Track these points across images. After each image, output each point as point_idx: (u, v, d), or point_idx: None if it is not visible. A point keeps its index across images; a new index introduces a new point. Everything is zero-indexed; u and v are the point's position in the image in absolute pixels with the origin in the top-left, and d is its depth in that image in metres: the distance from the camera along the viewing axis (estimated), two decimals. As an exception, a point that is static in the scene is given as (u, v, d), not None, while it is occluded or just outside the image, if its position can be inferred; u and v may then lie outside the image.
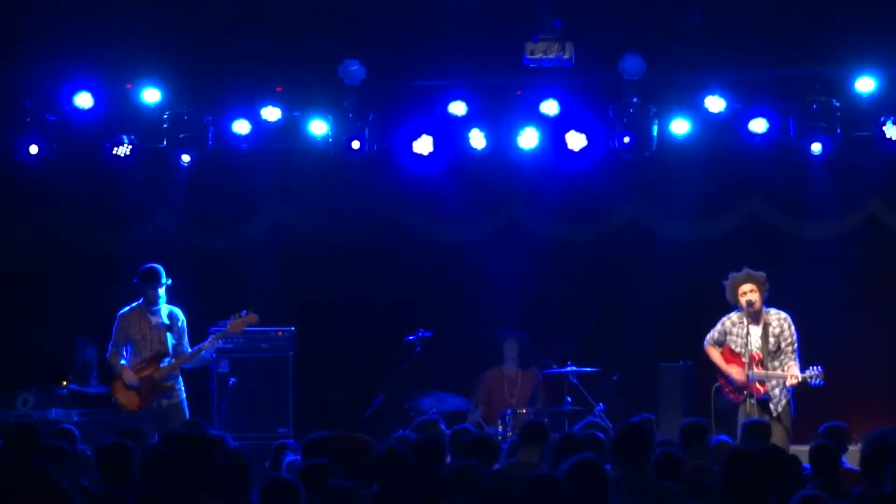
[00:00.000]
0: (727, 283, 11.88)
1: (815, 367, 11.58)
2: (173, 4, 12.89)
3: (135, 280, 12.03)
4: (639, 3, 12.87)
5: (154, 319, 12.03)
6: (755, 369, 11.67)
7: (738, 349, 11.84)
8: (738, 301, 11.83)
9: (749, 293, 11.76)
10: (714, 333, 12.01)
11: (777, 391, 11.76)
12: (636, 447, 7.50)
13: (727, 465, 5.53)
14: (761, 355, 11.70)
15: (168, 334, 12.01)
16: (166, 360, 11.97)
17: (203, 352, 12.08)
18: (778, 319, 11.79)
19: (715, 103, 12.85)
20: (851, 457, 10.08)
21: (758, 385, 11.72)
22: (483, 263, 14.31)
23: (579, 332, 12.85)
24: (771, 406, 11.72)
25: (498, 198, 14.19)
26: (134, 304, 12.09)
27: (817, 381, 11.56)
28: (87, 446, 9.43)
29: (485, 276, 14.31)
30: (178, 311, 12.16)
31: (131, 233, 14.10)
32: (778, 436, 11.35)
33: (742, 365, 11.74)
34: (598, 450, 8.05)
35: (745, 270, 11.85)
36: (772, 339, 11.75)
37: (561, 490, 6.37)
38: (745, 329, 11.79)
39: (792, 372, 11.60)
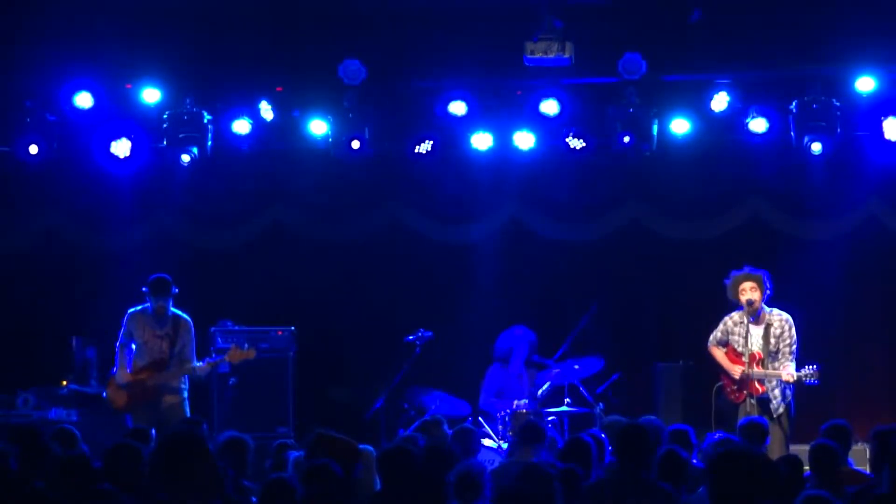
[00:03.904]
0: (728, 282, 11.91)
1: (810, 367, 11.60)
2: (173, 4, 12.89)
3: (143, 289, 12.01)
4: (639, 3, 12.87)
5: (159, 330, 12.03)
6: (755, 368, 11.70)
7: (739, 349, 11.86)
8: (738, 299, 11.87)
9: (749, 291, 11.80)
10: (717, 333, 12.04)
11: (777, 392, 11.78)
12: (638, 447, 7.51)
13: (714, 465, 5.52)
14: (762, 355, 11.73)
15: (170, 343, 12.01)
16: (165, 369, 11.97)
17: (198, 371, 12.08)
18: (780, 321, 11.82)
19: (715, 103, 12.86)
20: (855, 456, 10.13)
21: (757, 384, 11.74)
22: (483, 263, 14.32)
23: (579, 332, 12.83)
24: (771, 407, 11.74)
25: (498, 198, 14.19)
26: (140, 307, 12.11)
27: (812, 381, 11.58)
28: (86, 446, 9.44)
29: (485, 275, 14.32)
30: (187, 319, 12.15)
31: (131, 233, 14.09)
32: (777, 437, 11.38)
33: (744, 365, 11.78)
34: (600, 450, 8.08)
35: (746, 269, 11.87)
36: (772, 340, 11.78)
37: (552, 483, 6.38)
38: (746, 329, 11.83)
39: (788, 371, 11.63)
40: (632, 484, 7.36)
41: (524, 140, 13.31)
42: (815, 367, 11.59)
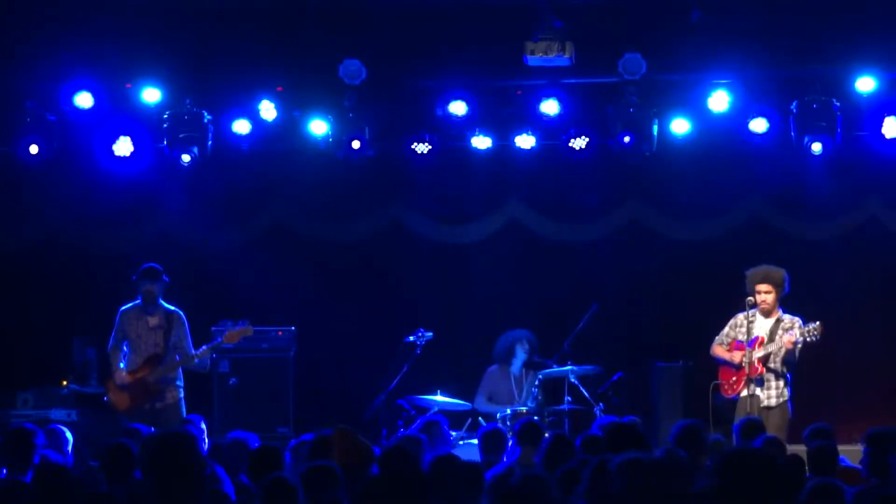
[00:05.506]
0: (747, 275, 11.92)
1: (812, 323, 11.60)
2: (173, 4, 12.88)
3: (133, 277, 12.08)
4: (639, 3, 12.87)
5: (151, 320, 12.07)
6: (757, 349, 11.70)
7: (742, 338, 11.86)
8: (753, 295, 11.87)
9: (764, 293, 11.83)
10: (726, 330, 12.03)
11: (773, 381, 11.77)
12: (629, 445, 7.49)
13: (722, 467, 5.51)
14: (765, 339, 11.75)
15: (164, 336, 12.02)
16: (161, 363, 11.99)
17: (196, 360, 12.07)
18: (791, 320, 11.88)
19: (714, 102, 12.86)
20: (853, 456, 10.13)
21: (756, 364, 11.72)
22: (483, 263, 14.33)
23: (579, 332, 12.84)
24: (763, 394, 11.71)
25: (498, 198, 14.20)
26: (133, 303, 12.15)
27: (815, 336, 11.57)
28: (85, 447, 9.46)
29: (485, 276, 14.33)
30: (179, 312, 12.18)
31: (131, 233, 14.09)
32: (771, 430, 11.36)
33: (744, 350, 11.76)
34: (596, 450, 8.05)
35: (764, 268, 11.89)
36: (780, 332, 11.79)
37: (549, 490, 6.38)
38: (753, 319, 11.79)
39: (789, 335, 11.61)
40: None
41: (524, 140, 13.31)
42: (817, 322, 11.59)
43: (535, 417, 12.01)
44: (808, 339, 11.61)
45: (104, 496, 6.83)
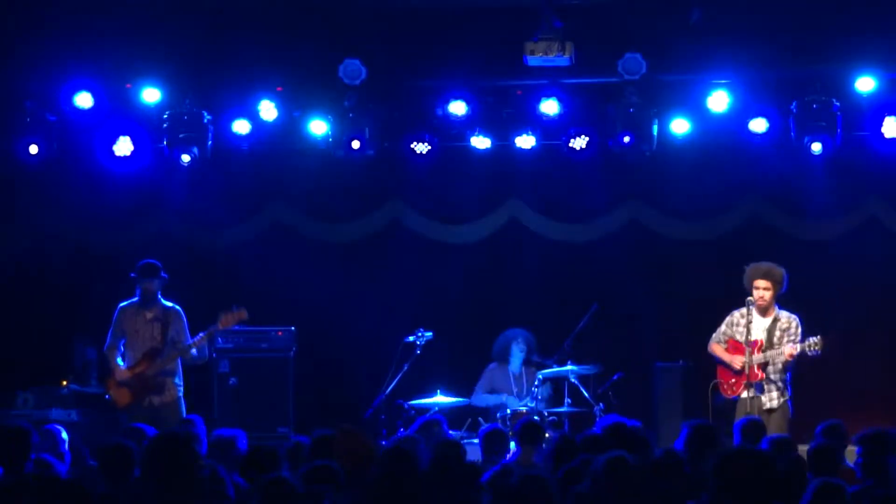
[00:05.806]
0: (746, 270, 11.92)
1: (813, 337, 11.60)
2: (173, 4, 12.88)
3: (132, 275, 12.08)
4: (639, 3, 12.87)
5: (149, 315, 12.09)
6: (756, 354, 11.70)
7: (739, 338, 11.86)
8: (751, 291, 11.87)
9: (762, 289, 11.82)
10: (722, 327, 12.03)
11: (773, 385, 11.76)
12: (627, 446, 7.50)
13: (721, 467, 5.52)
14: (763, 342, 11.76)
15: (162, 330, 12.02)
16: (160, 356, 12.00)
17: (194, 350, 12.04)
18: (788, 319, 11.88)
19: (715, 103, 12.86)
20: (851, 456, 10.13)
21: (756, 369, 11.72)
22: (483, 263, 14.33)
23: (579, 332, 12.85)
24: (765, 396, 11.72)
25: (498, 198, 14.20)
26: (132, 300, 12.15)
27: (815, 351, 11.56)
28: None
29: (485, 276, 14.34)
30: (177, 308, 12.19)
31: (131, 233, 14.09)
32: (774, 430, 11.35)
33: (744, 353, 11.76)
34: (595, 451, 8.06)
35: (766, 265, 11.88)
36: (777, 333, 11.80)
37: (549, 490, 6.39)
38: (750, 319, 11.79)
39: (790, 347, 11.61)
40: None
41: (524, 140, 13.31)
42: (818, 336, 11.59)
43: (536, 417, 12.03)
44: (808, 353, 11.62)
45: (103, 496, 6.83)
